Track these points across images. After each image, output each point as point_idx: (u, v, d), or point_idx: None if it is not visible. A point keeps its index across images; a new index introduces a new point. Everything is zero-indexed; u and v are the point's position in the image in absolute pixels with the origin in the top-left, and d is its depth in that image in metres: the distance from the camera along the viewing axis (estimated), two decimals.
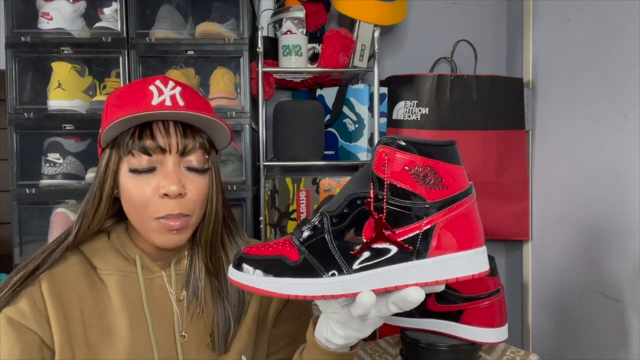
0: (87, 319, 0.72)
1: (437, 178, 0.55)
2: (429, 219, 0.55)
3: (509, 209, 1.58)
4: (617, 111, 1.16)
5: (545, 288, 1.51)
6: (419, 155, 0.55)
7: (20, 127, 1.42)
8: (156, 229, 0.71)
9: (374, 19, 1.51)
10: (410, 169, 0.55)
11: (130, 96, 0.72)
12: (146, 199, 0.70)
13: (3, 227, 2.43)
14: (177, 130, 0.71)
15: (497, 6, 1.81)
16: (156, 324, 0.75)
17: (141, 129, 0.70)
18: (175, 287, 0.77)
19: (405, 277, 0.55)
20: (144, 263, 0.77)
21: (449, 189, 0.55)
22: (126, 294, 0.74)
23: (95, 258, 0.76)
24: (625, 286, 1.14)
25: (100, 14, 1.46)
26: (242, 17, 1.45)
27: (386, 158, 0.55)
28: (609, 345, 1.19)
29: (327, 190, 1.50)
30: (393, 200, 0.55)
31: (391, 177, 0.55)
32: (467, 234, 0.55)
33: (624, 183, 1.14)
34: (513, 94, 1.58)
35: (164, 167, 0.70)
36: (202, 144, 0.73)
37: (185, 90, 0.74)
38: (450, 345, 0.95)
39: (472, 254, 0.55)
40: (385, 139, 0.56)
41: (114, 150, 0.71)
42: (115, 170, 0.72)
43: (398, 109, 1.57)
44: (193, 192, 0.72)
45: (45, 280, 0.72)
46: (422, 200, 0.55)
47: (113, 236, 0.78)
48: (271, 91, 1.53)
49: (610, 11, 1.20)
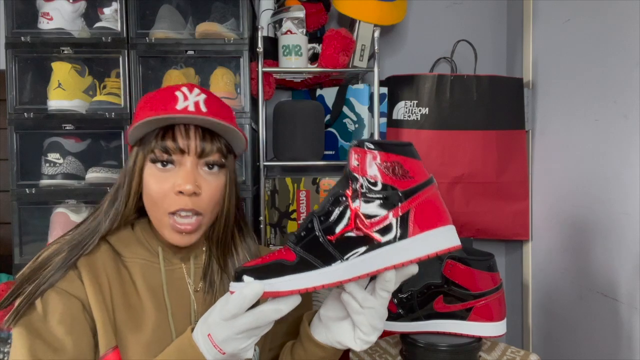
0: (115, 298, 0.77)
1: (404, 170, 0.64)
2: (404, 203, 0.63)
3: (509, 209, 1.58)
4: (617, 111, 1.17)
5: (545, 288, 1.51)
6: (386, 153, 0.64)
7: (20, 127, 1.42)
8: (169, 226, 0.77)
9: (374, 19, 1.51)
10: (381, 164, 0.64)
11: (158, 99, 0.78)
12: (163, 193, 0.75)
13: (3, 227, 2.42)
14: (197, 133, 0.76)
15: (497, 6, 1.81)
16: (175, 312, 0.80)
17: (164, 130, 0.76)
18: (194, 279, 0.83)
19: (392, 258, 0.62)
20: (165, 255, 0.82)
21: (414, 179, 0.65)
22: (148, 281, 0.80)
23: (120, 246, 0.81)
24: (625, 286, 1.14)
25: (100, 14, 1.46)
26: (242, 17, 1.45)
27: (359, 158, 0.65)
28: (608, 345, 1.19)
29: (327, 190, 1.50)
30: (370, 193, 0.64)
31: (365, 173, 0.64)
32: (436, 215, 0.64)
33: (624, 183, 1.14)
34: (513, 94, 1.58)
35: (182, 166, 0.76)
36: (219, 148, 0.78)
37: (210, 97, 0.79)
38: (450, 345, 0.95)
39: (444, 230, 0.64)
40: (356, 142, 0.66)
41: (141, 149, 0.77)
42: (141, 167, 0.78)
43: (398, 109, 1.57)
44: (207, 192, 0.77)
45: (82, 263, 0.77)
46: (395, 189, 0.64)
47: (137, 228, 0.83)
48: (271, 91, 1.53)
49: (610, 11, 1.20)
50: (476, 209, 1.56)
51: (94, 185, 1.43)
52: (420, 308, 0.99)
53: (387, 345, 1.13)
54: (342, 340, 0.70)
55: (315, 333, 0.74)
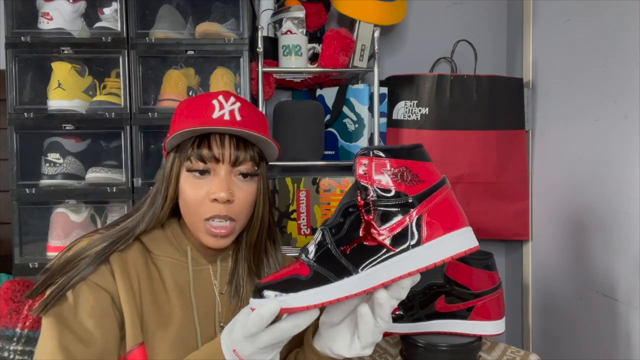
0: (143, 294, 0.79)
1: (413, 175, 0.63)
2: (415, 209, 0.62)
3: (509, 209, 1.58)
4: (617, 111, 1.16)
5: (545, 288, 1.51)
6: (393, 159, 0.63)
7: (20, 127, 1.42)
8: (204, 231, 0.80)
9: (374, 19, 1.51)
10: (388, 171, 0.63)
11: (195, 107, 0.81)
12: (199, 201, 0.79)
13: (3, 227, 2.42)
14: (232, 142, 0.79)
15: (497, 6, 1.81)
16: (200, 311, 0.82)
17: (200, 138, 0.79)
18: (220, 281, 0.86)
19: (408, 265, 0.61)
20: (193, 255, 0.85)
21: (425, 183, 0.63)
22: (176, 279, 0.83)
23: (151, 245, 0.84)
24: (625, 286, 1.14)
25: (100, 14, 1.46)
26: (242, 17, 1.45)
27: (366, 166, 0.64)
28: (608, 345, 1.19)
29: (327, 190, 1.50)
30: (381, 202, 0.63)
31: (374, 182, 0.63)
32: (451, 217, 0.62)
33: (624, 183, 1.14)
34: (513, 94, 1.58)
35: (217, 174, 0.79)
36: (252, 156, 0.81)
37: (244, 106, 0.82)
38: (450, 345, 0.95)
39: (460, 233, 0.62)
40: (361, 151, 0.65)
41: (177, 155, 0.81)
42: (177, 173, 0.81)
43: (398, 109, 1.57)
44: (240, 199, 0.80)
45: (114, 259, 0.79)
46: (405, 195, 0.62)
47: (167, 229, 0.86)
48: (271, 91, 1.53)
49: (610, 11, 1.20)
50: (476, 209, 1.56)
51: (94, 185, 1.43)
52: (421, 308, 0.99)
53: (387, 345, 1.13)
54: (333, 348, 0.69)
55: (315, 341, 0.74)
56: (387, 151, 0.63)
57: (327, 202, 1.50)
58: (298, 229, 1.53)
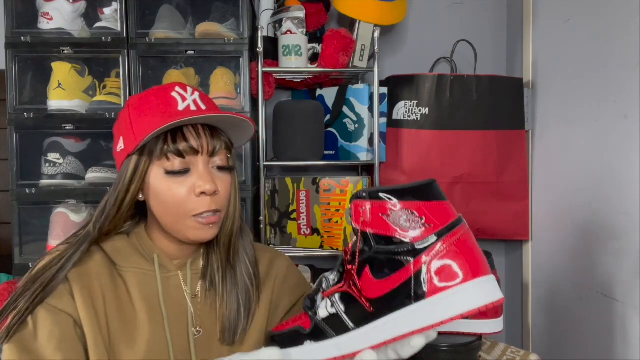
0: (109, 310, 0.76)
1: (416, 218, 0.54)
2: (416, 259, 0.53)
3: (509, 209, 1.58)
4: (617, 111, 1.16)
5: (545, 288, 1.51)
6: (393, 201, 0.55)
7: (20, 127, 1.42)
8: (192, 227, 0.76)
9: (374, 19, 1.51)
10: (385, 215, 0.55)
11: (155, 105, 0.76)
12: (182, 198, 0.75)
13: (3, 227, 2.43)
14: (206, 132, 0.76)
15: (497, 6, 1.81)
16: (172, 321, 0.79)
17: (172, 133, 0.75)
18: (191, 286, 0.82)
19: (408, 323, 0.53)
20: (161, 262, 0.81)
21: (431, 227, 0.54)
22: (144, 291, 0.79)
23: (115, 255, 0.80)
24: (625, 286, 1.14)
25: (100, 14, 1.46)
26: (242, 17, 1.45)
27: (361, 210, 0.56)
28: (608, 345, 1.19)
29: (327, 190, 1.50)
30: (379, 249, 0.55)
31: (369, 227, 0.56)
32: (462, 265, 0.53)
33: (623, 183, 1.14)
34: (513, 94, 1.58)
35: (196, 168, 0.76)
36: (226, 143, 0.79)
37: (202, 95, 0.80)
38: (450, 345, 0.95)
39: (474, 284, 0.52)
40: (357, 193, 0.57)
41: (144, 156, 0.76)
42: (143, 175, 0.76)
43: (398, 109, 1.56)
44: (223, 190, 0.78)
45: (73, 275, 0.76)
46: (406, 242, 0.54)
47: (132, 236, 0.83)
48: (271, 91, 1.53)
49: (610, 11, 1.20)
50: (476, 209, 1.56)
51: (94, 185, 1.43)
52: None
53: None
54: None
55: None
56: (387, 192, 0.56)
57: (327, 202, 1.50)
58: (298, 229, 1.53)
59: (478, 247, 0.56)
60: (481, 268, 0.53)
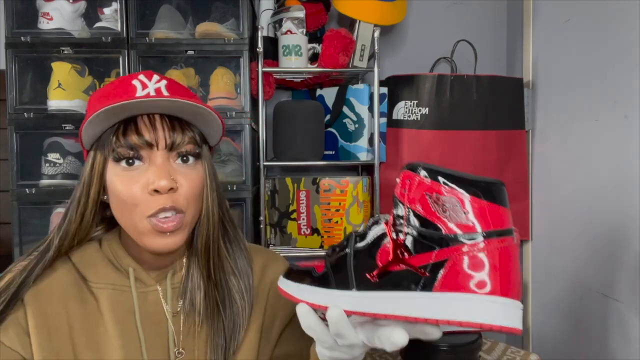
0: (76, 335, 0.68)
1: (460, 211, 0.51)
2: (443, 250, 0.50)
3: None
4: (617, 111, 1.16)
5: (545, 288, 1.51)
6: (443, 185, 0.52)
7: (20, 127, 1.42)
8: (149, 231, 0.66)
9: (374, 19, 1.51)
10: (430, 196, 0.52)
11: (112, 92, 0.67)
12: (136, 197, 0.65)
13: (3, 227, 2.42)
14: (164, 123, 0.66)
15: (497, 6, 1.81)
16: (150, 343, 0.70)
17: (125, 125, 0.65)
18: (171, 302, 0.73)
19: (402, 307, 0.51)
20: (137, 275, 0.72)
21: (472, 225, 0.51)
22: (118, 310, 0.70)
23: (85, 269, 0.71)
24: (625, 286, 1.14)
25: (100, 14, 1.46)
26: (242, 17, 1.45)
27: (408, 183, 0.54)
28: (609, 345, 1.19)
29: (327, 190, 1.50)
30: (410, 227, 0.53)
31: (410, 203, 0.53)
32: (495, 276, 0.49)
33: (623, 183, 1.14)
34: (513, 94, 1.58)
35: (152, 163, 0.66)
36: (192, 137, 0.68)
37: (171, 83, 0.69)
38: (450, 345, 0.95)
39: (499, 301, 0.48)
40: (411, 165, 0.54)
41: (99, 150, 0.67)
42: (101, 172, 0.68)
43: (398, 109, 1.56)
44: (185, 186, 0.67)
45: (29, 297, 0.68)
46: (439, 230, 0.51)
47: (105, 245, 0.73)
48: (271, 91, 1.53)
49: (610, 11, 1.20)
50: None
51: None
52: None
53: None
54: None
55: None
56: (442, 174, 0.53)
57: (327, 202, 1.50)
58: (298, 229, 1.53)
59: (519, 268, 0.51)
60: (514, 290, 0.49)
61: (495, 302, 0.48)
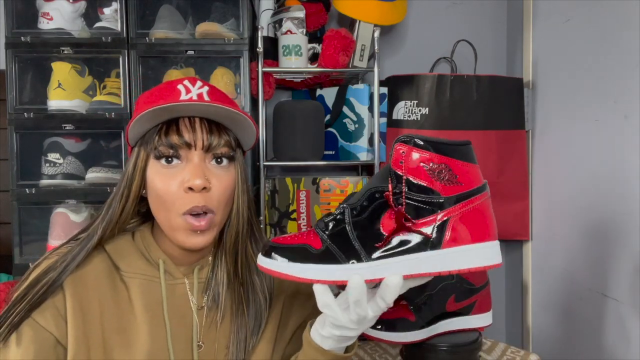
0: (106, 321, 0.72)
1: (452, 175, 0.59)
2: (444, 212, 0.58)
3: (509, 209, 1.58)
4: (617, 111, 1.16)
5: (545, 288, 1.51)
6: (434, 153, 0.59)
7: (20, 127, 1.42)
8: (182, 228, 0.71)
9: (374, 19, 1.51)
10: (426, 165, 0.59)
11: (158, 94, 0.73)
12: (172, 194, 0.70)
13: (3, 227, 2.42)
14: (203, 126, 0.71)
15: (497, 6, 1.81)
16: (175, 332, 0.74)
17: (168, 125, 0.71)
18: (197, 295, 0.77)
19: (419, 266, 0.58)
20: (167, 268, 0.76)
21: (462, 185, 0.59)
22: (147, 299, 0.74)
23: (119, 259, 0.76)
24: (625, 286, 1.14)
25: (100, 14, 1.46)
26: (242, 17, 1.45)
27: (403, 155, 0.59)
28: (608, 345, 1.19)
29: (327, 190, 1.50)
30: (410, 195, 0.59)
31: (408, 173, 0.59)
32: (480, 227, 0.59)
33: (623, 183, 1.14)
34: (513, 94, 1.58)
35: (189, 162, 0.71)
36: (227, 141, 0.73)
37: (212, 89, 0.75)
38: (450, 345, 0.95)
39: (485, 246, 0.59)
40: (403, 137, 0.60)
41: (142, 148, 0.72)
42: (143, 168, 0.73)
43: (398, 109, 1.57)
44: (217, 188, 0.72)
45: (68, 283, 0.72)
46: (437, 195, 0.59)
47: (137, 237, 0.78)
48: (271, 91, 1.53)
49: (610, 11, 1.20)
50: None
51: (94, 185, 1.43)
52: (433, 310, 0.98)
53: (387, 346, 1.13)
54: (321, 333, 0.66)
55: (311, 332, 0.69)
56: (430, 143, 0.59)
57: (327, 202, 1.50)
58: (298, 229, 1.53)
59: (492, 214, 0.61)
60: (492, 234, 0.60)
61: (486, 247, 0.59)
